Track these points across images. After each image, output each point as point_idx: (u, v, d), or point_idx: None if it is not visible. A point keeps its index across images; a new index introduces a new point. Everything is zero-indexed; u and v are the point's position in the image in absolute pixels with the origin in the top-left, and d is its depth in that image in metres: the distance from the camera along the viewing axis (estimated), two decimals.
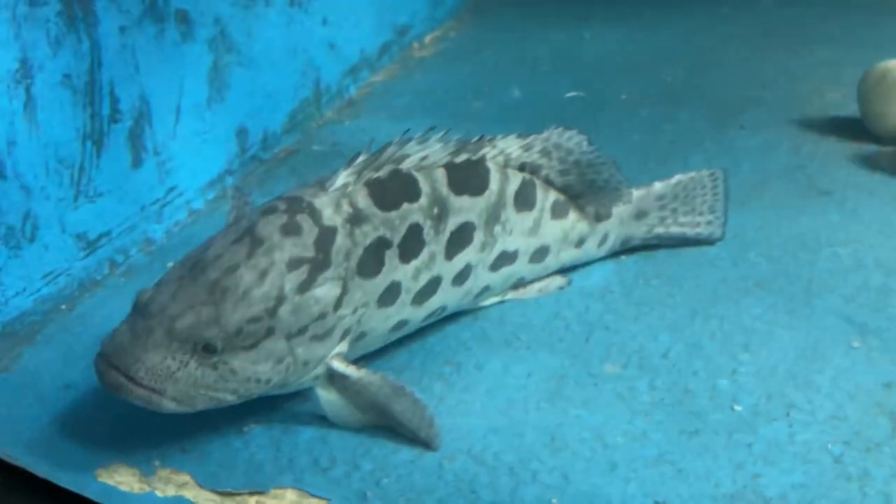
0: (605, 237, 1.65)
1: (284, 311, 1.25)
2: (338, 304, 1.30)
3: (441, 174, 1.41)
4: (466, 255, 1.45)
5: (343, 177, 1.34)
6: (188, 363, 1.21)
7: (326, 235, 1.29)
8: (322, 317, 1.28)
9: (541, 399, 1.38)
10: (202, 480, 1.26)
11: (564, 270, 1.65)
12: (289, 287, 1.25)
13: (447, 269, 1.43)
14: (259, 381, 1.25)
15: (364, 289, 1.33)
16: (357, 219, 1.32)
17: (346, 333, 1.33)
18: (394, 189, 1.36)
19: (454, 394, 1.39)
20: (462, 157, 1.44)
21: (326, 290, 1.28)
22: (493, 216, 1.47)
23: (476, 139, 1.46)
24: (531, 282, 1.61)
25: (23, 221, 1.55)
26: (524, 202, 1.51)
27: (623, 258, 1.71)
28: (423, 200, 1.38)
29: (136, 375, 1.20)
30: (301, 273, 1.26)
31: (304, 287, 1.26)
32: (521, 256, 1.55)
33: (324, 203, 1.32)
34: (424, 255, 1.39)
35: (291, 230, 1.28)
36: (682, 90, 2.47)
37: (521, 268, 1.56)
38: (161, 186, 1.84)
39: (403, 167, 1.38)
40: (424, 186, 1.39)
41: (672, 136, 2.20)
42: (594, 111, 2.36)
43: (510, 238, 1.51)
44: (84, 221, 1.67)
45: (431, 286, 1.42)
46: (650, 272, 1.66)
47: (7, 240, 1.52)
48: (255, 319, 1.23)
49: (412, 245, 1.37)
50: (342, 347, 1.33)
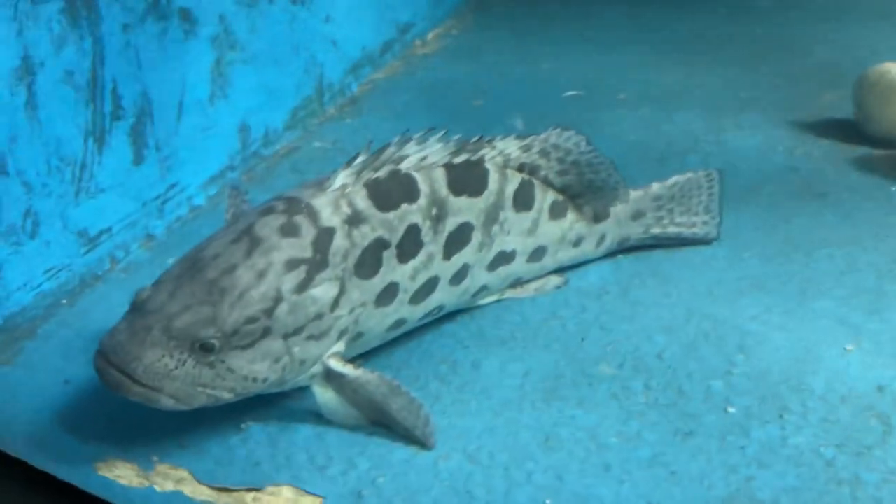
0: (603, 237, 1.66)
1: (281, 312, 1.26)
2: (335, 305, 1.31)
3: (440, 174, 1.42)
4: (464, 255, 1.46)
5: (342, 177, 1.35)
6: (186, 362, 1.22)
7: (324, 236, 1.30)
8: (319, 317, 1.29)
9: (536, 399, 1.39)
10: (200, 476, 1.27)
11: (561, 270, 1.66)
12: (286, 287, 1.26)
13: (445, 269, 1.44)
14: (256, 380, 1.26)
15: (362, 289, 1.34)
16: (355, 219, 1.33)
17: (343, 333, 1.34)
18: (393, 190, 1.37)
19: (450, 393, 1.40)
20: (461, 158, 1.45)
21: (324, 291, 1.29)
22: (492, 217, 1.48)
23: (475, 139, 1.47)
24: (528, 281, 1.62)
25: (24, 217, 1.56)
26: (523, 203, 1.52)
27: (619, 258, 1.72)
28: (422, 201, 1.39)
29: (135, 373, 1.20)
30: (299, 273, 1.27)
31: (302, 287, 1.27)
32: (519, 256, 1.56)
33: (322, 203, 1.32)
34: (422, 256, 1.40)
35: (290, 231, 1.29)
36: (680, 91, 2.47)
37: (519, 268, 1.57)
38: (162, 182, 1.86)
39: (402, 167, 1.39)
40: (423, 187, 1.39)
41: (670, 137, 2.20)
42: (593, 110, 2.36)
43: (508, 238, 1.52)
44: (85, 217, 1.68)
45: (429, 286, 1.43)
46: (646, 272, 1.67)
47: (8, 236, 1.53)
48: (253, 319, 1.24)
49: (410, 246, 1.38)
50: (339, 347, 1.34)
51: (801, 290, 1.60)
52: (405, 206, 1.37)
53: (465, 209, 1.44)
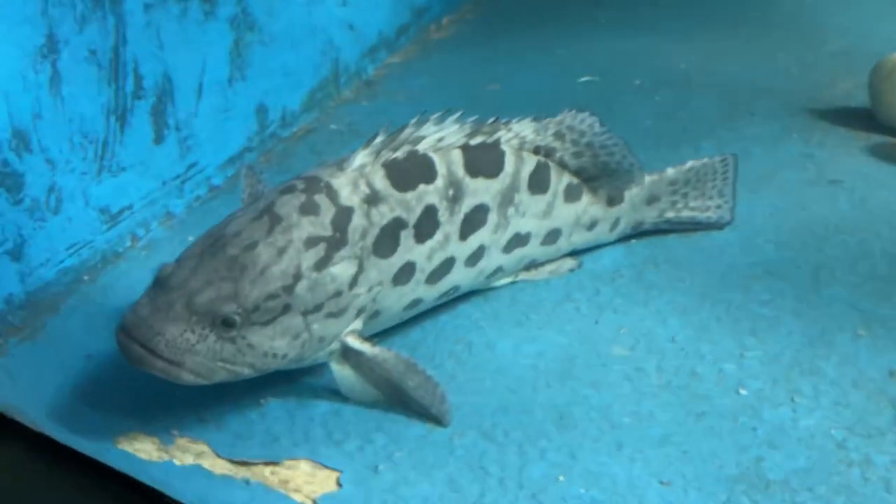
0: (617, 221, 1.68)
1: (301, 289, 1.27)
2: (353, 283, 1.32)
3: (457, 156, 1.43)
4: (480, 237, 1.47)
5: (361, 157, 1.36)
6: (207, 337, 1.24)
7: (343, 215, 1.32)
8: (338, 294, 1.31)
9: (550, 378, 1.40)
10: (219, 450, 1.29)
11: (575, 253, 1.67)
12: (306, 265, 1.28)
13: (461, 250, 1.45)
14: (276, 356, 1.28)
15: (379, 268, 1.35)
16: (374, 199, 1.35)
17: (361, 311, 1.35)
18: (410, 170, 1.38)
19: (465, 372, 1.42)
20: (478, 140, 1.46)
21: (342, 269, 1.31)
22: (508, 198, 1.49)
23: (491, 121, 1.48)
24: (543, 263, 1.64)
25: (47, 194, 1.58)
26: (538, 185, 1.53)
27: (633, 242, 1.73)
28: (440, 182, 1.40)
29: (157, 348, 1.22)
30: (318, 251, 1.29)
31: (321, 265, 1.29)
32: (534, 238, 1.57)
33: (341, 183, 1.34)
34: (439, 236, 1.41)
35: (309, 209, 1.31)
36: (696, 77, 2.47)
37: (534, 250, 1.59)
38: (182, 162, 1.88)
39: (420, 148, 1.41)
40: (441, 168, 1.41)
41: (684, 123, 2.21)
42: (608, 96, 2.36)
43: (523, 220, 1.53)
44: (107, 195, 1.70)
45: (445, 266, 1.44)
46: (660, 256, 1.69)
47: (32, 212, 1.55)
48: (273, 296, 1.26)
49: (427, 226, 1.40)
50: (357, 324, 1.35)
51: (814, 276, 1.61)
52: (423, 187, 1.39)
53: (482, 191, 1.45)
